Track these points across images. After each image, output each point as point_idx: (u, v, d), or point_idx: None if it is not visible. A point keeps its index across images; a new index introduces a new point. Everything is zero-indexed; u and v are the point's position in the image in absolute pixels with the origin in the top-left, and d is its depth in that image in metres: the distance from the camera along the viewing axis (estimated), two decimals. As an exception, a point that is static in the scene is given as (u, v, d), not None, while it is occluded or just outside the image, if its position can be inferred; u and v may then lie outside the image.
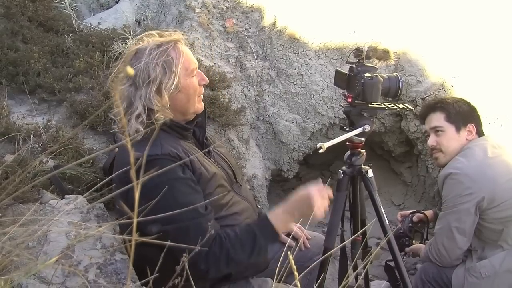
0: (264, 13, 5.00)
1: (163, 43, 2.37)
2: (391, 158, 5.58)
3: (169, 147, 2.29)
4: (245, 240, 2.27)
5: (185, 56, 2.39)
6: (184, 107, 2.45)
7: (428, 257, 3.26)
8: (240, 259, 2.26)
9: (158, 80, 2.29)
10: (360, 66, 2.71)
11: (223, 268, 2.23)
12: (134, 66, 2.31)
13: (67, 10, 4.89)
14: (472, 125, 3.24)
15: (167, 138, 2.34)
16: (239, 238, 2.27)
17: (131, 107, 2.30)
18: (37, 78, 3.94)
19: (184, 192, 2.25)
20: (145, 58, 2.31)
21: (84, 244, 2.33)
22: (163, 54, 2.33)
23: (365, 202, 3.03)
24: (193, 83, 2.43)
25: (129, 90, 2.33)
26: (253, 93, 4.78)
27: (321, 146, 2.40)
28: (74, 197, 2.74)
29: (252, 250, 2.27)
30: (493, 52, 4.53)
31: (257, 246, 2.28)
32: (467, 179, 3.01)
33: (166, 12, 5.33)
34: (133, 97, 2.30)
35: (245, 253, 2.26)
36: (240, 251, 2.25)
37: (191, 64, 2.42)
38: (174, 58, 2.34)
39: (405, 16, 4.87)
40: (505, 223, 3.02)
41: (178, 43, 2.41)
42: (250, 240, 2.28)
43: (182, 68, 2.35)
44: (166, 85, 2.30)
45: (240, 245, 2.26)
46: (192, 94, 2.44)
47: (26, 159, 3.06)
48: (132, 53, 2.39)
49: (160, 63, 2.30)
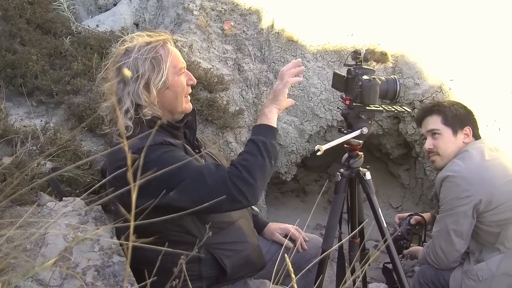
0: (262, 16, 5.01)
1: (152, 41, 2.41)
2: (389, 160, 5.59)
3: (161, 137, 2.31)
4: (250, 149, 2.32)
5: (173, 55, 2.45)
6: (172, 105, 2.48)
7: (426, 260, 3.27)
8: (258, 164, 2.27)
9: (146, 76, 2.34)
10: (358, 68, 2.72)
11: (248, 177, 2.22)
12: (122, 63, 2.36)
13: (65, 13, 4.89)
14: (469, 128, 3.25)
15: (158, 134, 2.36)
16: (244, 152, 2.32)
17: (120, 103, 2.34)
18: (35, 80, 3.94)
19: (182, 154, 2.31)
20: (134, 54, 2.35)
21: (82, 247, 2.34)
22: (151, 51, 2.38)
23: (363, 204, 3.04)
24: (181, 81, 2.47)
25: (118, 87, 2.36)
26: (251, 95, 4.79)
27: (319, 148, 2.42)
28: (72, 200, 2.75)
29: (260, 151, 2.30)
30: (490, 55, 4.54)
31: (260, 143, 2.32)
32: (465, 181, 3.02)
33: (164, 14, 5.33)
34: (122, 93, 2.35)
35: (255, 155, 2.29)
36: (250, 156, 2.29)
37: (179, 63, 2.47)
38: (162, 55, 2.39)
39: (403, 18, 4.88)
40: (502, 225, 3.02)
41: (167, 43, 2.46)
42: (251, 145, 2.33)
43: (170, 66, 2.41)
44: (154, 81, 2.35)
45: (247, 153, 2.30)
46: (180, 92, 2.48)
47: (24, 161, 3.07)
48: (122, 52, 2.44)
49: (148, 59, 2.35)
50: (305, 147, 4.87)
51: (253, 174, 2.22)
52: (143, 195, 1.36)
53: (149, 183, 1.31)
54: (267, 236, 3.02)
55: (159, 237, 1.43)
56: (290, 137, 4.78)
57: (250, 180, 2.20)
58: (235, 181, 2.18)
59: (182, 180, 2.15)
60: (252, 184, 2.21)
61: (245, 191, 2.19)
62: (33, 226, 2.21)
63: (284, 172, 4.98)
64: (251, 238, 2.62)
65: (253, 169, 2.23)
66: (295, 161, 4.94)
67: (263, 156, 2.28)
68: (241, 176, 2.20)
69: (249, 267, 2.60)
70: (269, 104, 2.46)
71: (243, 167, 2.22)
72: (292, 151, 4.84)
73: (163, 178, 1.56)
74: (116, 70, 2.39)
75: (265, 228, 3.04)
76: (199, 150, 2.63)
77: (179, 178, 2.15)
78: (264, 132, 2.38)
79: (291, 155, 4.87)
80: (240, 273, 2.54)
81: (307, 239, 3.05)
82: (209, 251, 2.41)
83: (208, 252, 2.41)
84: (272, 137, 2.38)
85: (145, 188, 1.30)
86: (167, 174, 1.51)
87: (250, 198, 2.22)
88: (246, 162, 2.24)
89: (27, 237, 1.90)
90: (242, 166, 2.22)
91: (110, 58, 2.50)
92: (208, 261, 2.43)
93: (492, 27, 4.65)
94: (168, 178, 2.06)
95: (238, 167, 2.22)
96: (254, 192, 2.23)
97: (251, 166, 2.24)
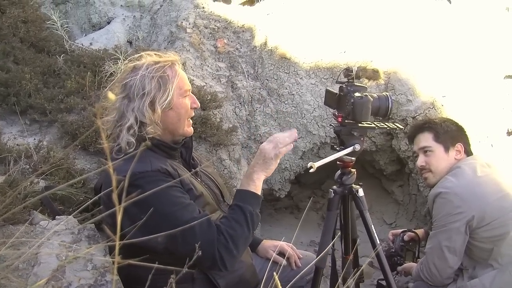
0: (255, 33, 5.03)
1: (161, 61, 2.43)
2: (383, 176, 5.60)
3: (158, 163, 2.31)
4: (236, 216, 2.31)
5: (180, 76, 2.46)
6: (174, 126, 2.48)
7: (419, 276, 3.26)
8: (244, 236, 2.29)
9: (152, 94, 2.35)
10: (350, 85, 2.73)
11: (233, 248, 2.24)
12: (129, 79, 2.37)
13: (59, 31, 4.91)
14: (460, 144, 3.26)
15: (155, 156, 2.37)
16: (231, 218, 2.30)
17: (123, 119, 2.35)
18: (28, 99, 3.94)
19: (177, 196, 2.29)
20: (142, 71, 2.36)
21: (75, 265, 2.32)
22: (159, 70, 2.39)
23: (356, 221, 3.04)
24: (185, 104, 2.49)
25: (122, 103, 2.36)
26: (244, 112, 4.80)
27: (311, 165, 2.42)
28: (65, 218, 2.74)
29: (247, 222, 2.30)
30: (482, 71, 4.57)
31: (248, 214, 2.31)
32: (457, 198, 3.02)
33: (158, 32, 5.35)
34: (126, 109, 2.35)
35: (242, 226, 2.29)
36: (238, 226, 2.28)
37: (185, 85, 2.49)
38: (169, 76, 2.40)
39: (396, 35, 4.92)
40: (495, 242, 3.02)
41: (175, 64, 2.48)
42: (239, 213, 2.31)
43: (176, 87, 2.42)
44: (159, 100, 2.36)
45: (236, 222, 2.29)
46: (183, 114, 2.49)
47: (17, 180, 3.06)
48: (129, 69, 2.45)
49: (156, 78, 2.36)
50: (299, 164, 4.88)
51: (238, 245, 2.27)
52: (132, 220, 1.37)
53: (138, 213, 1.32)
54: (261, 253, 3.02)
55: (151, 256, 1.43)
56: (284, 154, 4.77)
57: (234, 252, 2.25)
58: (221, 250, 2.21)
59: (172, 228, 2.16)
60: (235, 255, 2.26)
61: (227, 260, 2.24)
62: (25, 245, 2.20)
63: (278, 189, 4.98)
64: (245, 257, 2.61)
65: (239, 241, 2.27)
66: (288, 178, 4.95)
67: (249, 228, 2.31)
68: (227, 247, 2.23)
69: (243, 286, 2.59)
70: (259, 170, 2.43)
71: (230, 237, 2.24)
72: (285, 168, 4.85)
73: (155, 218, 1.58)
74: (122, 87, 2.40)
75: (259, 246, 3.03)
76: (195, 168, 2.63)
77: (168, 224, 2.15)
78: (251, 200, 2.37)
79: (285, 172, 4.88)
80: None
81: (301, 257, 3.04)
82: (202, 271, 2.41)
83: (201, 272, 2.40)
84: (257, 207, 2.39)
85: (134, 215, 1.31)
86: (159, 215, 1.53)
87: (229, 266, 2.27)
88: (234, 232, 2.26)
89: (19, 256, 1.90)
90: (229, 236, 2.24)
91: (117, 75, 2.52)
92: (202, 281, 2.42)
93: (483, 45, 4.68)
94: (159, 221, 2.10)
95: (226, 236, 2.24)
96: (233, 261, 2.29)
97: (237, 237, 2.26)
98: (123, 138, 2.30)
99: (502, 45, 4.60)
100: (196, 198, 2.40)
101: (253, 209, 2.34)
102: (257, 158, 2.43)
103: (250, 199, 2.37)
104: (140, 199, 1.24)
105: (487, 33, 4.73)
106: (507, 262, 3.02)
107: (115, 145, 2.39)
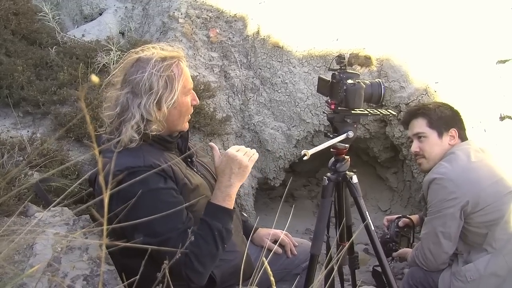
0: (248, 22, 5.03)
1: (167, 57, 2.40)
2: (377, 164, 5.61)
3: (151, 158, 2.30)
4: (204, 235, 2.27)
5: (185, 75, 2.44)
6: (175, 123, 2.49)
7: (414, 262, 3.28)
8: (212, 254, 2.27)
9: (159, 93, 2.33)
10: (342, 73, 2.73)
11: (198, 267, 2.24)
12: (135, 74, 2.35)
13: (51, 23, 4.89)
14: (454, 130, 3.26)
15: (150, 150, 2.36)
16: (198, 235, 2.26)
17: (126, 113, 2.33)
18: (21, 91, 3.94)
19: (165, 201, 2.26)
20: (150, 68, 2.33)
21: (71, 256, 2.33)
22: (167, 68, 2.36)
23: (350, 208, 3.05)
24: (187, 102, 2.49)
25: (126, 96, 2.34)
26: (238, 102, 4.80)
27: (305, 153, 2.42)
28: (59, 209, 2.74)
29: (214, 240, 2.27)
30: (475, 57, 4.57)
31: (215, 232, 2.28)
32: (451, 183, 3.03)
33: (150, 23, 5.34)
34: (131, 103, 2.33)
35: (209, 244, 2.26)
36: (204, 244, 2.26)
37: (188, 84, 2.48)
38: (176, 75, 2.39)
39: (388, 22, 4.91)
40: (489, 226, 3.04)
41: (181, 61, 2.46)
42: (207, 231, 2.28)
43: (181, 86, 2.40)
44: (166, 99, 2.34)
45: (202, 240, 2.26)
46: (184, 112, 2.50)
47: (11, 172, 3.05)
48: (133, 61, 2.42)
49: (164, 77, 2.34)
50: (293, 152, 4.88)
51: (205, 263, 2.26)
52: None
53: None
54: (256, 242, 3.02)
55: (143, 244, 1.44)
56: (278, 143, 4.79)
57: (200, 270, 2.25)
58: (187, 271, 2.22)
59: (147, 232, 2.16)
60: (202, 273, 2.27)
61: (194, 278, 2.25)
62: (19, 236, 2.20)
63: (273, 177, 4.98)
64: (240, 247, 2.61)
65: (205, 259, 2.26)
66: (283, 166, 4.95)
67: (216, 246, 2.28)
68: (193, 268, 2.23)
69: (239, 275, 2.58)
70: (237, 181, 2.40)
71: (195, 257, 2.23)
72: (280, 157, 4.85)
73: (134, 218, 1.58)
74: (126, 80, 2.39)
75: (254, 234, 3.03)
76: (191, 159, 2.63)
77: (144, 229, 2.14)
78: (221, 216, 2.34)
79: (279, 160, 4.88)
80: (229, 281, 2.54)
81: (296, 244, 3.05)
82: None
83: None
84: (229, 222, 2.36)
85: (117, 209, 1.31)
86: (137, 217, 1.54)
87: (198, 283, 2.28)
88: (199, 251, 2.24)
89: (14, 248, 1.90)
90: (195, 256, 2.22)
91: (119, 64, 2.50)
92: None
93: (476, 29, 4.68)
94: (137, 222, 2.08)
95: (191, 257, 2.22)
96: (202, 278, 2.29)
97: (203, 256, 2.25)
98: (126, 133, 2.29)
99: (494, 30, 4.60)
100: (191, 191, 2.40)
101: (222, 225, 2.30)
102: (232, 168, 2.39)
103: (221, 215, 2.34)
104: (125, 197, 1.24)
105: (478, 18, 4.72)
106: (501, 246, 3.03)
107: (116, 138, 2.36)
